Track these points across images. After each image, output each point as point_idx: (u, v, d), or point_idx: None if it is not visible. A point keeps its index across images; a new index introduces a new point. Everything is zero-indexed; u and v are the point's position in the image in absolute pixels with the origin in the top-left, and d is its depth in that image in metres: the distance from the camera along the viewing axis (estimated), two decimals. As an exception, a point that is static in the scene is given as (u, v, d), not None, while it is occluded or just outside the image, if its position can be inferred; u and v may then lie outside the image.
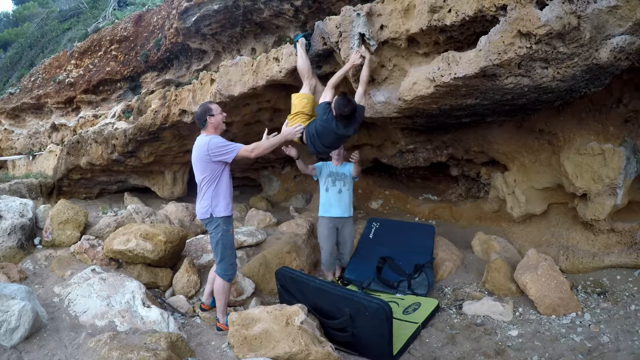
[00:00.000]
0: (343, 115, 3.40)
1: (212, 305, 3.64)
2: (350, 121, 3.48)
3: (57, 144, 8.86)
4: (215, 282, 3.46)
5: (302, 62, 3.88)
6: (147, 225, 4.22)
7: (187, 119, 5.46)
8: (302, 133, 3.55)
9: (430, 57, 3.41)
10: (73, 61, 8.29)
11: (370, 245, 4.94)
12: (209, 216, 3.30)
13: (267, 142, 3.38)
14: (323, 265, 4.62)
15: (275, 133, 3.60)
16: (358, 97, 3.58)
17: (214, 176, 3.27)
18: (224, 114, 3.47)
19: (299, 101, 3.77)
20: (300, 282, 3.48)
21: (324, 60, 4.15)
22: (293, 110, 3.78)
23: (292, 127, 3.50)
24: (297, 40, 4.00)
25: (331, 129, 3.48)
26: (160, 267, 4.19)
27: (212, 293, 3.59)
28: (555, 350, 3.19)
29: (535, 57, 2.70)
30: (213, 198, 3.28)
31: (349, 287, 4.42)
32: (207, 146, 3.21)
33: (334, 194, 4.52)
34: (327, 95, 3.61)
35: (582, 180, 3.95)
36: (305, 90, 3.81)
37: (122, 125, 6.44)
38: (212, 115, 3.33)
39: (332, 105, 3.45)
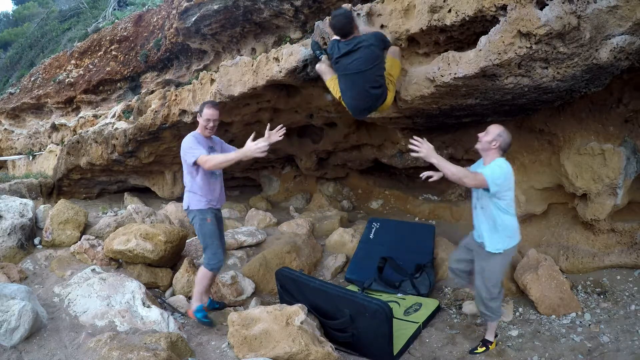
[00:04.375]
0: (334, 26, 3.19)
1: (210, 307, 3.66)
2: (347, 34, 3.20)
3: (57, 144, 8.85)
4: (198, 270, 3.57)
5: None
6: (147, 225, 4.22)
7: (187, 119, 5.46)
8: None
9: (430, 57, 3.41)
10: (73, 61, 8.29)
11: (370, 246, 4.94)
12: (187, 208, 3.50)
13: (222, 157, 3.33)
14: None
15: (269, 127, 3.45)
16: None
17: (189, 171, 3.43)
18: (210, 122, 3.41)
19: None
20: (300, 282, 3.48)
21: (324, 60, 4.14)
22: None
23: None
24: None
25: (335, 55, 3.26)
26: (160, 267, 4.19)
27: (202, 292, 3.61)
28: (555, 350, 3.19)
29: (535, 57, 2.70)
30: (189, 192, 3.47)
31: (350, 287, 4.42)
32: (182, 144, 3.41)
33: (477, 210, 3.24)
34: None
35: (582, 180, 3.95)
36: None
37: (122, 125, 6.44)
38: (200, 116, 3.45)
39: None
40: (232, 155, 3.31)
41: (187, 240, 4.66)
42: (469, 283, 3.56)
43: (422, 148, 2.88)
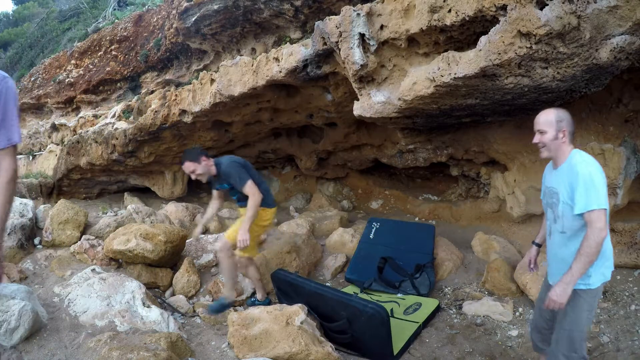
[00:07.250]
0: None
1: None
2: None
3: (57, 144, 8.85)
4: None
5: None
6: (147, 225, 4.22)
7: (187, 119, 5.46)
8: None
9: (430, 57, 3.40)
10: (73, 61, 8.29)
11: (370, 246, 4.94)
12: None
13: None
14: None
15: None
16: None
17: None
18: None
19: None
20: (296, 285, 3.46)
21: (324, 60, 4.15)
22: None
23: None
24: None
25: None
26: (160, 267, 4.19)
27: None
28: (555, 350, 3.19)
29: (535, 57, 2.70)
30: None
31: (349, 287, 4.42)
32: None
33: (553, 237, 2.34)
34: None
35: (582, 180, 3.95)
36: None
37: (122, 125, 6.44)
38: None
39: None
40: None
41: (187, 240, 4.66)
42: None
43: (560, 300, 2.11)
